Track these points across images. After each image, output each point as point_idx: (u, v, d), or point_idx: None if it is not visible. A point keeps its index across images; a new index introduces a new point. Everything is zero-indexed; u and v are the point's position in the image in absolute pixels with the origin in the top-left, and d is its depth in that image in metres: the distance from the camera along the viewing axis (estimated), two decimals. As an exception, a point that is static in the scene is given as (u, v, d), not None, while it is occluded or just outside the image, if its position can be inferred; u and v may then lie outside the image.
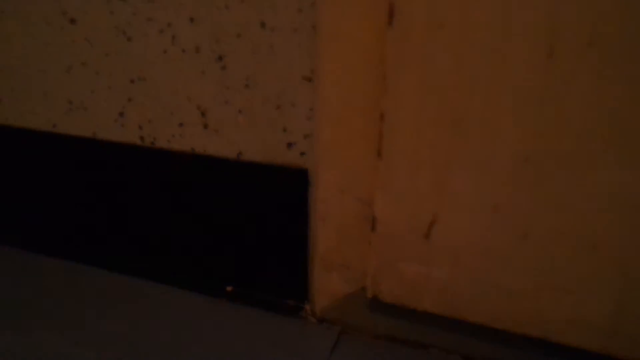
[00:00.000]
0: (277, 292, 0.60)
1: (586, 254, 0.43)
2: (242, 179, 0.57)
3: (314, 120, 0.52)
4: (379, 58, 0.45)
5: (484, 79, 0.41)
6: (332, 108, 0.49)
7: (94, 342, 0.54)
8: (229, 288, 0.62)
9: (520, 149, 0.42)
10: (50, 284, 0.65)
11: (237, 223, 0.59)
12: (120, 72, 0.59)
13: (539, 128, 0.41)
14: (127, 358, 0.52)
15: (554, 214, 0.43)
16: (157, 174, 0.61)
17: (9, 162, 0.69)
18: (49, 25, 0.60)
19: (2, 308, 0.60)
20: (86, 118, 0.63)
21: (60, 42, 0.60)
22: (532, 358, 0.49)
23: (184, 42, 0.55)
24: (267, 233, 0.58)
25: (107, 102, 0.61)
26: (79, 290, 0.64)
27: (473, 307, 0.48)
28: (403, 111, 0.45)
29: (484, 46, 0.41)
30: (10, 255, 0.71)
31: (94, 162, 0.64)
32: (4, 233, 0.73)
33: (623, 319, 0.43)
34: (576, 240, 0.43)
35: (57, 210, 0.69)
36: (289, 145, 0.54)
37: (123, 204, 0.65)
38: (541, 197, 0.43)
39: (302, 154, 0.54)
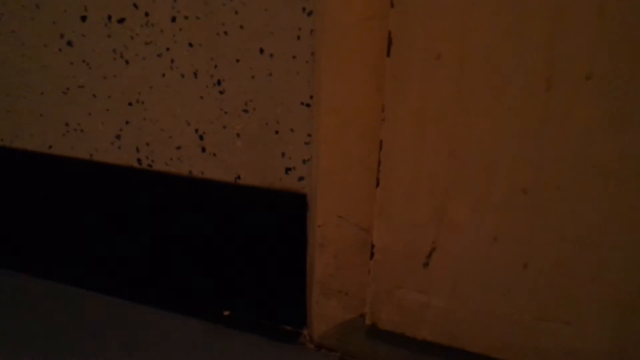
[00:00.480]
0: (275, 317, 0.59)
1: (585, 285, 0.43)
2: (240, 203, 0.57)
3: (312, 146, 0.52)
4: (377, 87, 0.45)
5: (482, 109, 0.41)
6: (331, 135, 0.49)
7: (88, 369, 0.53)
8: (226, 313, 0.61)
9: (518, 180, 0.42)
10: (49, 309, 0.64)
11: (235, 247, 0.59)
12: (118, 94, 0.59)
13: (537, 159, 0.41)
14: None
15: (553, 245, 0.43)
16: (155, 197, 0.61)
17: (4, 183, 0.69)
18: (46, 47, 0.60)
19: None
20: (83, 140, 0.62)
21: (57, 65, 0.60)
22: (532, 387, 0.49)
23: (183, 66, 0.55)
24: (265, 258, 0.58)
25: (105, 125, 0.61)
26: (67, 314, 0.63)
27: (472, 337, 0.47)
28: (401, 140, 0.45)
29: (482, 77, 0.41)
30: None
31: (91, 184, 0.64)
32: (-2, 253, 0.73)
33: (621, 352, 0.43)
34: (575, 271, 0.43)
35: (52, 232, 0.68)
36: (287, 170, 0.54)
37: (120, 227, 0.64)
38: (540, 228, 0.43)
39: (301, 179, 0.54)
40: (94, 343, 0.57)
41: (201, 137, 0.57)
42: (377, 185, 0.47)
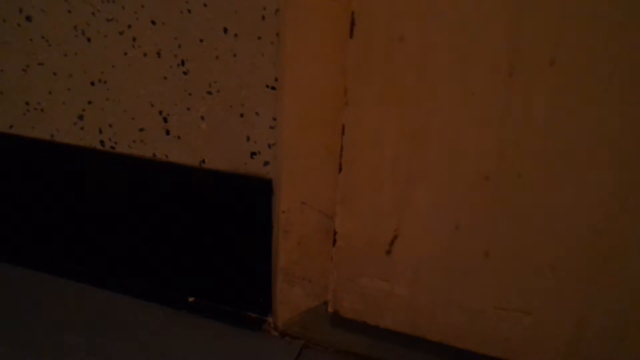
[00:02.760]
0: (240, 304, 0.58)
1: (545, 275, 0.42)
2: (205, 188, 0.56)
3: (277, 130, 0.50)
4: (341, 69, 0.44)
5: (445, 95, 0.40)
6: (295, 118, 0.48)
7: (49, 354, 0.52)
8: (190, 299, 0.60)
9: (480, 167, 0.41)
10: (4, 292, 0.62)
11: (199, 232, 0.57)
12: (79, 73, 0.57)
13: (499, 147, 0.40)
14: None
15: (515, 234, 0.42)
16: (117, 180, 0.59)
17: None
18: (5, 22, 0.58)
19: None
20: (44, 120, 0.60)
21: (16, 40, 0.58)
22: (493, 376, 0.49)
23: (146, 45, 0.53)
24: (230, 244, 0.56)
25: (66, 105, 0.58)
26: (29, 298, 0.61)
27: (434, 325, 0.47)
28: (364, 124, 0.43)
29: (446, 61, 0.40)
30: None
31: (52, 165, 0.62)
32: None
33: (581, 340, 0.43)
34: (536, 260, 0.42)
35: (10, 214, 0.66)
36: (253, 154, 0.53)
37: (81, 210, 0.62)
38: (501, 216, 0.42)
39: (266, 163, 0.52)
40: (52, 327, 0.56)
41: (165, 119, 0.55)
42: (340, 171, 0.46)
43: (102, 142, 0.58)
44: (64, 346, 0.53)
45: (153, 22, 0.52)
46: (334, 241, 0.48)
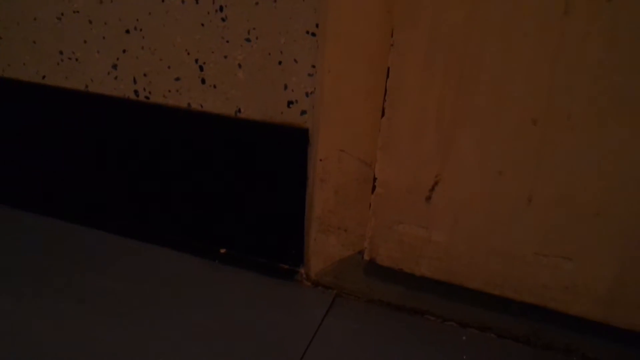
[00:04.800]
0: (272, 255, 0.59)
1: (589, 220, 0.42)
2: (240, 138, 0.56)
3: (317, 76, 0.50)
4: (386, 11, 0.44)
5: (495, 34, 0.40)
6: (336, 64, 0.47)
7: (81, 296, 0.53)
8: (222, 250, 0.61)
9: (529, 111, 0.41)
10: (39, 242, 0.63)
11: (232, 183, 0.58)
12: (114, 21, 0.56)
13: (550, 88, 0.40)
14: (114, 311, 0.51)
15: (560, 179, 0.42)
16: (152, 131, 0.59)
17: (-4, 114, 0.67)
18: (40, -32, 0.57)
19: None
20: (78, 70, 0.60)
21: (51, -13, 0.58)
22: (529, 326, 0.49)
23: (183, -9, 0.52)
24: (263, 195, 0.57)
25: (101, 54, 0.58)
26: (68, 248, 0.62)
27: (471, 273, 0.47)
28: (410, 67, 0.43)
29: (497, 0, 0.39)
30: (-4, 212, 0.69)
31: (86, 116, 0.62)
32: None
33: (623, 287, 0.43)
34: (579, 206, 0.42)
35: (46, 165, 0.67)
36: (289, 103, 0.52)
37: (115, 161, 0.63)
38: (547, 161, 0.42)
39: (303, 112, 0.52)
40: (93, 274, 0.57)
41: (201, 68, 0.55)
42: (382, 115, 0.45)
43: (136, 92, 0.58)
44: (105, 291, 0.54)
45: (192, -33, 0.51)
46: (373, 188, 0.48)
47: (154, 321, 0.50)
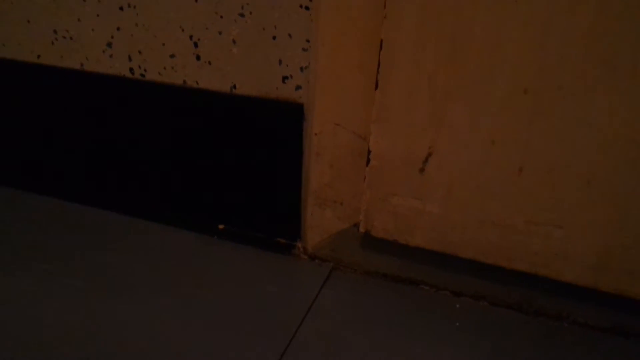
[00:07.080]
0: (269, 230, 0.60)
1: (580, 188, 0.43)
2: (235, 114, 0.56)
3: (311, 51, 0.50)
4: (380, -18, 0.44)
5: (486, 4, 0.40)
6: (330, 38, 0.48)
7: (83, 272, 0.54)
8: (220, 226, 0.62)
9: (520, 80, 0.41)
10: (39, 221, 0.64)
11: (229, 159, 0.58)
12: (108, -2, 0.56)
13: (540, 58, 0.40)
14: (114, 286, 0.52)
15: (551, 148, 0.43)
16: (148, 108, 0.60)
17: (-7, 95, 0.67)
18: (32, -55, 0.57)
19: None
20: (73, 49, 0.60)
21: (44, -35, 0.57)
22: (521, 294, 0.50)
23: (176, -34, 0.52)
24: (259, 170, 0.57)
25: (95, 32, 0.58)
26: (68, 226, 0.63)
27: (465, 242, 0.48)
28: (402, 39, 0.43)
29: (490, -31, 0.39)
30: (-4, 193, 0.70)
31: (82, 95, 0.62)
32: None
33: (612, 253, 0.44)
34: (571, 175, 0.43)
35: (43, 145, 0.67)
36: (284, 78, 0.53)
37: (112, 140, 0.63)
38: (538, 131, 0.42)
39: (298, 87, 0.52)
40: (96, 250, 0.58)
41: (196, 44, 0.55)
42: (376, 88, 0.46)
43: (131, 70, 0.59)
44: (106, 266, 0.55)
45: (184, -59, 0.51)
46: (368, 160, 0.49)
47: (155, 296, 0.51)
